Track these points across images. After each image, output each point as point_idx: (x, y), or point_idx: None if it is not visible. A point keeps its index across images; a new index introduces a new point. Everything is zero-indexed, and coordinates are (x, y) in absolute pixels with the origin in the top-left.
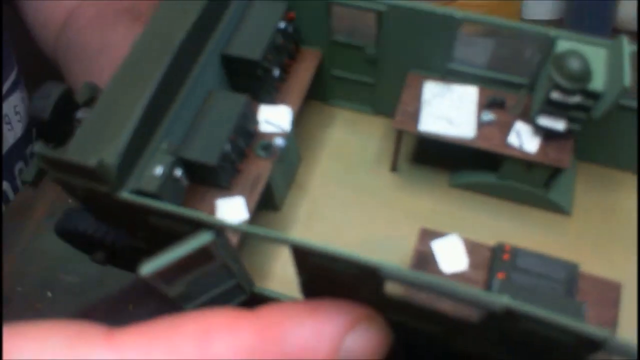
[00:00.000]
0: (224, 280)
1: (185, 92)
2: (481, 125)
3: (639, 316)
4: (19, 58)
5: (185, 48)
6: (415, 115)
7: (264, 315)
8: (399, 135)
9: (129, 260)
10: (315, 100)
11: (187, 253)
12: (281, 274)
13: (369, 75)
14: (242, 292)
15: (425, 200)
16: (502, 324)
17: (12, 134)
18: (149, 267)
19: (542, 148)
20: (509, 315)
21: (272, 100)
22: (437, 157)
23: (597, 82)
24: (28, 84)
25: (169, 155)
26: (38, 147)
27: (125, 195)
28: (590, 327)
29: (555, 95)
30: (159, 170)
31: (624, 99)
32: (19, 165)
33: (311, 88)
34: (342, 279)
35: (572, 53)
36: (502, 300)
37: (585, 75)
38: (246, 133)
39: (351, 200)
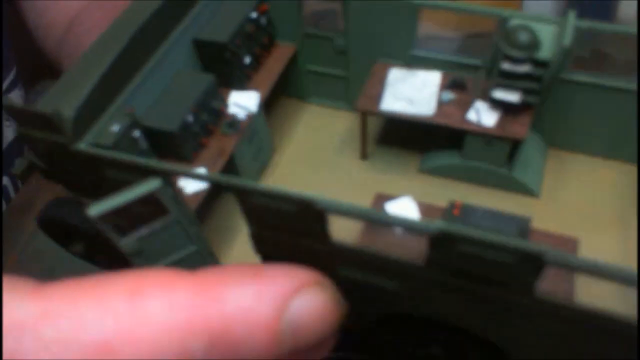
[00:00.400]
0: (182, 244)
1: (151, 65)
2: (441, 104)
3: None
4: (17, 58)
5: (152, 25)
6: (378, 98)
7: (203, 276)
8: (363, 118)
9: (108, 256)
10: (293, 98)
11: (135, 197)
12: (243, 252)
13: (341, 68)
14: (206, 265)
15: (395, 186)
16: (444, 258)
17: (12, 130)
18: (97, 208)
19: (500, 122)
20: (446, 240)
21: (242, 87)
22: (407, 143)
23: (545, 52)
24: (25, 84)
25: (128, 116)
26: (6, 99)
27: (81, 146)
28: (524, 242)
29: (506, 65)
30: (115, 127)
31: (579, 76)
32: (19, 160)
33: (288, 85)
34: (287, 224)
35: (520, 26)
36: (436, 224)
37: (532, 44)
38: (211, 110)
39: (322, 187)
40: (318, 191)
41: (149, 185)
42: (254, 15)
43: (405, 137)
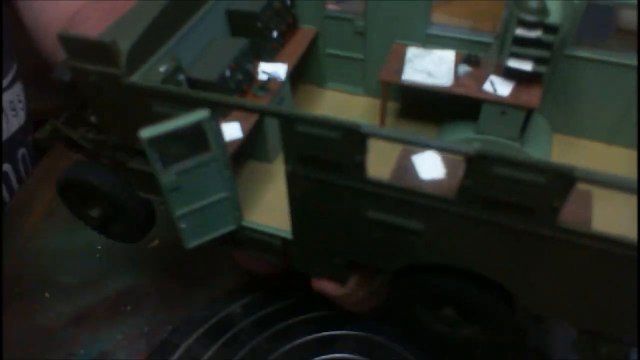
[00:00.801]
0: (215, 188)
1: (191, 24)
2: (458, 77)
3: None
4: (17, 56)
5: None
6: (399, 71)
7: None
8: (385, 88)
9: (123, 225)
10: (311, 84)
11: (185, 124)
12: (271, 207)
13: (359, 50)
14: (231, 217)
15: None
16: (477, 184)
17: (17, 120)
18: (148, 131)
19: (514, 92)
20: (484, 161)
21: (271, 59)
22: (424, 121)
23: (554, 18)
24: (24, 80)
25: (174, 61)
26: (61, 31)
27: (133, 79)
28: (554, 162)
29: (519, 31)
30: (163, 68)
31: (582, 52)
32: (22, 151)
33: (309, 70)
34: (328, 156)
35: None
36: (474, 146)
37: (543, 9)
38: (245, 71)
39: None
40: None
41: (199, 115)
42: None
43: (423, 115)
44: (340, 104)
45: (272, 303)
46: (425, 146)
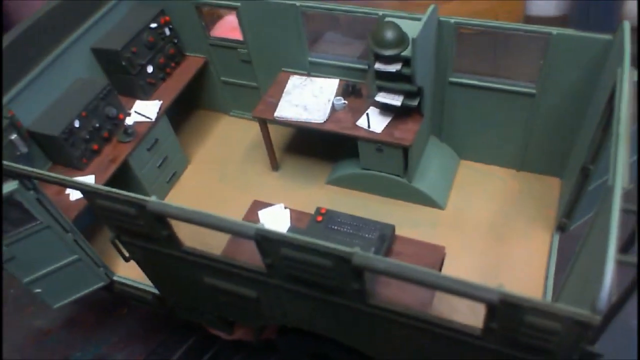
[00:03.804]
0: (60, 252)
1: (40, 69)
2: (334, 110)
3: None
4: None
5: (43, 27)
6: (276, 105)
7: None
8: (263, 126)
9: None
10: (213, 110)
11: None
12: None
13: (251, 78)
14: (96, 275)
15: (302, 198)
16: (275, 262)
17: None
18: None
19: (388, 128)
20: (264, 240)
21: (147, 96)
22: (319, 153)
23: (409, 51)
24: None
25: (5, 119)
26: None
27: None
28: (332, 246)
29: (378, 65)
30: None
31: (465, 78)
32: None
33: (208, 98)
34: (136, 228)
35: (386, 23)
36: (251, 226)
37: (399, 42)
38: (104, 116)
39: (232, 198)
40: (227, 202)
41: (7, 187)
42: (153, 25)
43: (318, 147)
44: (239, 131)
45: None
46: (210, 226)
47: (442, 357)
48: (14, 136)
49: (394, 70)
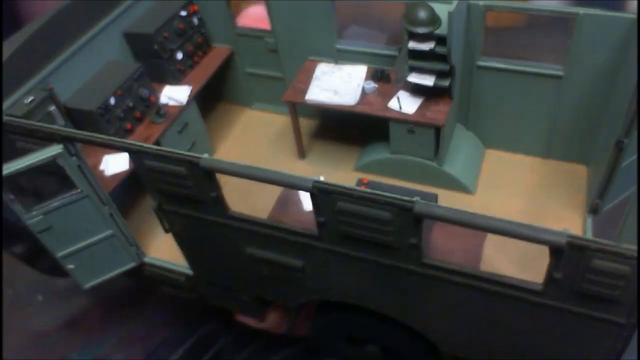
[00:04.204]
0: (97, 227)
1: (74, 50)
2: (365, 94)
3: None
4: None
5: (76, 10)
6: (305, 90)
7: None
8: (292, 109)
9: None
10: (235, 104)
11: (35, 162)
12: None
13: (276, 68)
14: (127, 254)
15: None
16: (330, 218)
17: None
18: None
19: (420, 109)
20: (325, 195)
21: (176, 82)
22: (345, 140)
23: (445, 29)
24: None
25: (44, 91)
26: None
27: None
28: (393, 195)
29: (412, 44)
30: (28, 99)
31: (493, 62)
32: None
33: (231, 90)
34: (182, 190)
35: (418, 3)
36: (311, 178)
37: (431, 20)
38: (137, 97)
39: (256, 186)
40: (254, 192)
41: (50, 151)
42: (183, 13)
43: (344, 134)
44: (263, 123)
45: None
46: (266, 180)
47: (497, 325)
48: (52, 107)
49: (428, 48)
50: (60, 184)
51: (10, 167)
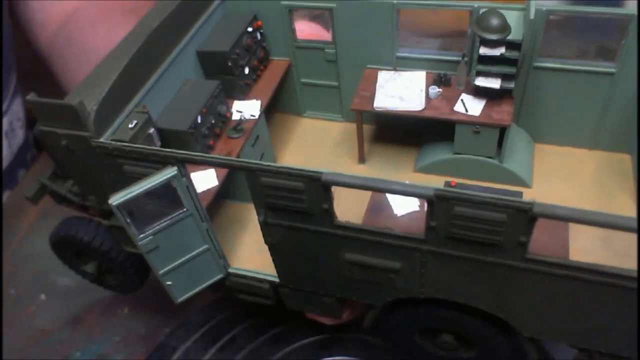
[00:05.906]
0: (195, 242)
1: (161, 72)
2: (429, 99)
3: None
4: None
5: (160, 34)
6: (371, 98)
7: None
8: (359, 117)
9: (119, 276)
10: (289, 113)
11: (153, 184)
12: (256, 248)
13: (333, 78)
14: (217, 266)
15: None
16: (441, 223)
17: (16, 141)
18: (117, 197)
19: (485, 110)
20: (443, 201)
21: (243, 96)
22: (402, 144)
23: (516, 34)
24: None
25: (143, 114)
26: (30, 96)
27: (103, 139)
28: (515, 198)
29: (483, 50)
30: (132, 124)
31: (551, 62)
32: (22, 172)
33: (285, 100)
34: (294, 204)
35: (490, 11)
36: (432, 187)
37: (503, 27)
38: (217, 113)
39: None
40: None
41: (166, 173)
42: (249, 29)
43: (400, 137)
44: (318, 131)
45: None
46: (388, 191)
47: (584, 310)
48: (151, 130)
49: (499, 54)
50: (162, 204)
51: (130, 192)
